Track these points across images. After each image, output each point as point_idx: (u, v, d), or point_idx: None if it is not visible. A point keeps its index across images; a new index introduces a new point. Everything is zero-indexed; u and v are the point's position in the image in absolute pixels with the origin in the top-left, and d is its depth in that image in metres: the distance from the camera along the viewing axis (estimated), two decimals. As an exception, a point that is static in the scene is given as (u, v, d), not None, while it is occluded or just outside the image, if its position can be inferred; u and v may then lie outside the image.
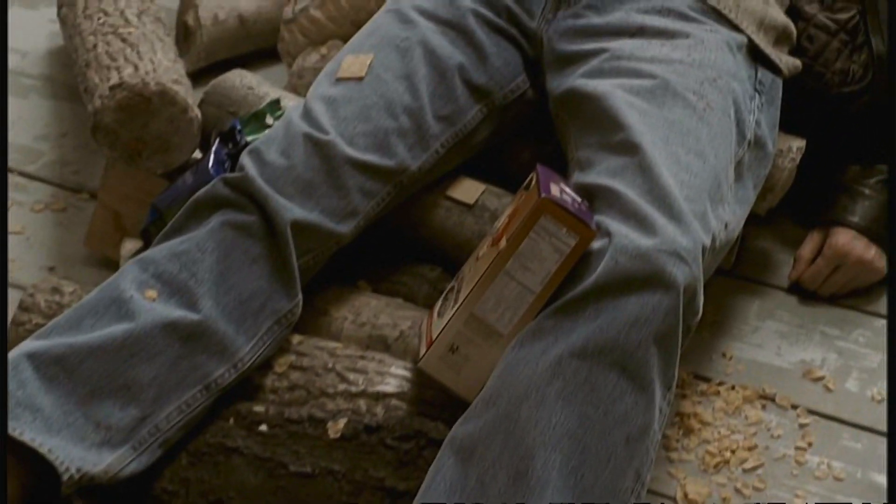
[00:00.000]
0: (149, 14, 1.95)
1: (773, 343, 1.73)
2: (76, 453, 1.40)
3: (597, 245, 1.42)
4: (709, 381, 1.68)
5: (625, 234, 1.41)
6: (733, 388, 1.66)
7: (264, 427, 1.49)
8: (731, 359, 1.71)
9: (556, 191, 1.46)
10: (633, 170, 1.48)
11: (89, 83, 1.78)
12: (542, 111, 1.71)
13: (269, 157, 1.57)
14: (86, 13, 1.95)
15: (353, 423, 1.48)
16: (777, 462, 1.58)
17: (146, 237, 1.67)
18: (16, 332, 1.57)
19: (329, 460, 1.46)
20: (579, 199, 1.48)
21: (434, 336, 1.48)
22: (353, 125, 1.60)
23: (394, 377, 1.52)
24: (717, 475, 1.57)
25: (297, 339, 1.56)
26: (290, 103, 1.77)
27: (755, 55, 1.67)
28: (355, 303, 1.63)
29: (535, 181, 1.49)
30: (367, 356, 1.55)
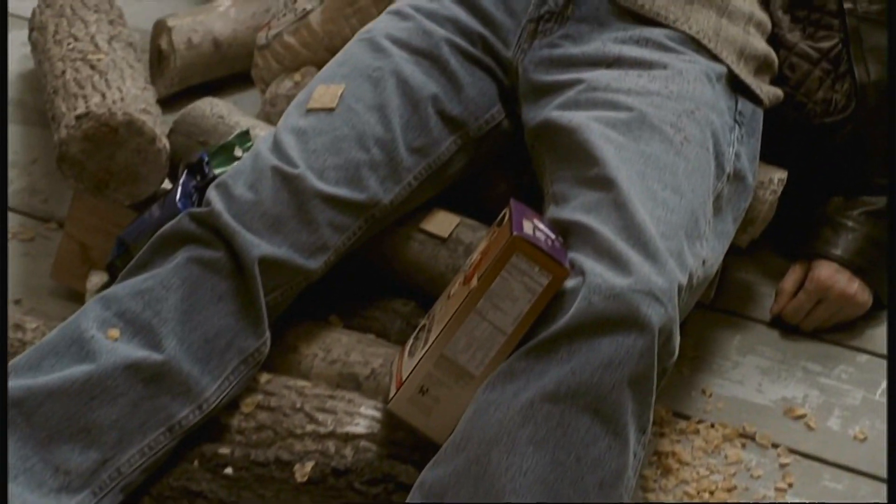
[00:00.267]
0: (120, 39, 1.91)
1: (754, 379, 1.70)
2: (33, 500, 1.36)
3: (570, 284, 1.39)
4: (688, 418, 1.64)
5: (599, 273, 1.38)
6: (713, 426, 1.63)
7: (230, 470, 1.45)
8: (710, 396, 1.67)
9: (528, 228, 1.42)
10: (608, 206, 1.44)
11: (56, 111, 1.75)
12: (518, 141, 1.68)
13: (237, 191, 1.53)
14: (56, 38, 1.91)
15: (320, 465, 1.44)
16: (757, 503, 1.55)
17: (112, 271, 1.63)
18: (-24, 371, 1.53)
19: (295, 505, 1.43)
20: (553, 236, 1.44)
21: (404, 377, 1.45)
22: (324, 158, 1.56)
23: (364, 417, 1.48)
24: (695, 517, 1.54)
25: (264, 378, 1.53)
26: (262, 133, 1.73)
27: (735, 85, 1.64)
28: (326, 339, 1.60)
29: (507, 217, 1.45)
30: (337, 395, 1.51)
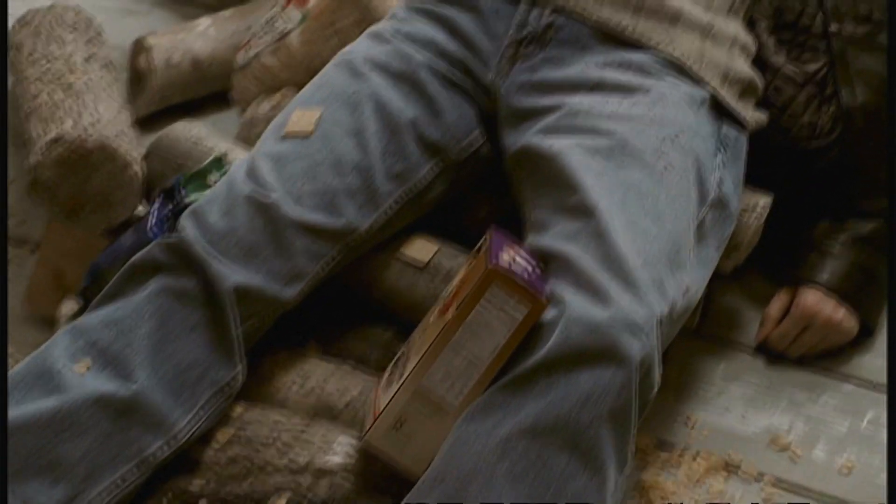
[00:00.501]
0: (97, 60, 1.89)
1: (739, 408, 1.67)
2: (-1, 537, 1.33)
3: (549, 315, 1.36)
4: (671, 447, 1.61)
5: (578, 304, 1.35)
6: (697, 455, 1.60)
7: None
8: (694, 424, 1.64)
9: (507, 258, 1.39)
10: (588, 235, 1.42)
11: (30, 135, 1.72)
12: (499, 166, 1.65)
13: (210, 218, 1.50)
14: (31, 58, 1.88)
15: (294, 500, 1.41)
16: (740, 536, 1.53)
17: (84, 299, 1.60)
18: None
19: (268, 541, 1.40)
20: (532, 265, 1.42)
21: (380, 409, 1.42)
22: (300, 184, 1.54)
23: (339, 450, 1.45)
24: (678, 551, 1.51)
25: (238, 409, 1.50)
26: (238, 157, 1.70)
27: (719, 109, 1.61)
28: (303, 367, 1.57)
29: (485, 246, 1.42)
30: (313, 427, 1.48)
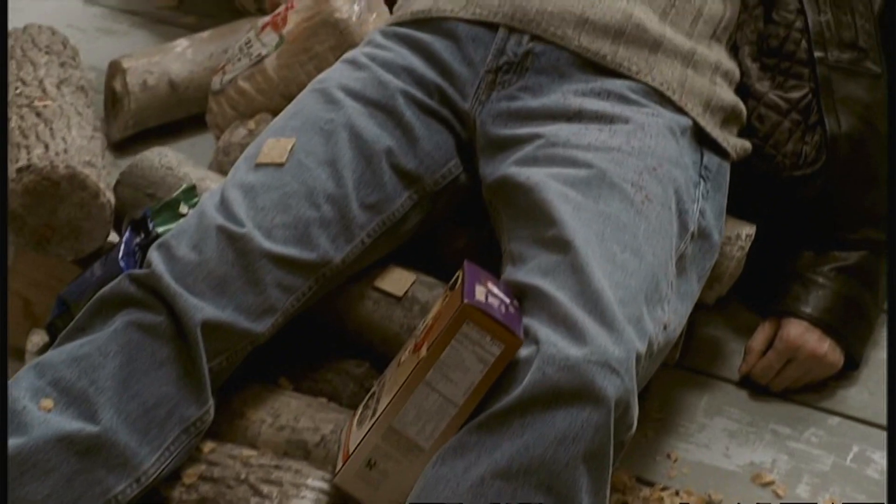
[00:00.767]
0: (70, 83, 1.85)
1: (721, 443, 1.63)
2: (-42, 583, 1.30)
3: (524, 353, 1.33)
4: (652, 485, 1.58)
5: (553, 342, 1.32)
6: (678, 493, 1.56)
7: (169, 545, 1.39)
8: (676, 460, 1.61)
9: (481, 293, 1.36)
10: (565, 269, 1.39)
11: (-1, 162, 1.69)
12: (477, 194, 1.62)
13: (180, 251, 1.47)
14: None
15: (264, 541, 1.38)
16: (722, 577, 1.49)
17: (52, 332, 1.57)
18: None
19: (236, 585, 1.36)
20: (508, 300, 1.38)
21: (351, 449, 1.38)
22: (272, 216, 1.50)
23: (310, 490, 1.41)
24: (657, 591, 1.48)
25: (208, 447, 1.46)
26: (212, 185, 1.67)
27: (701, 139, 1.58)
28: (275, 403, 1.53)
29: (460, 281, 1.39)
30: (284, 465, 1.44)
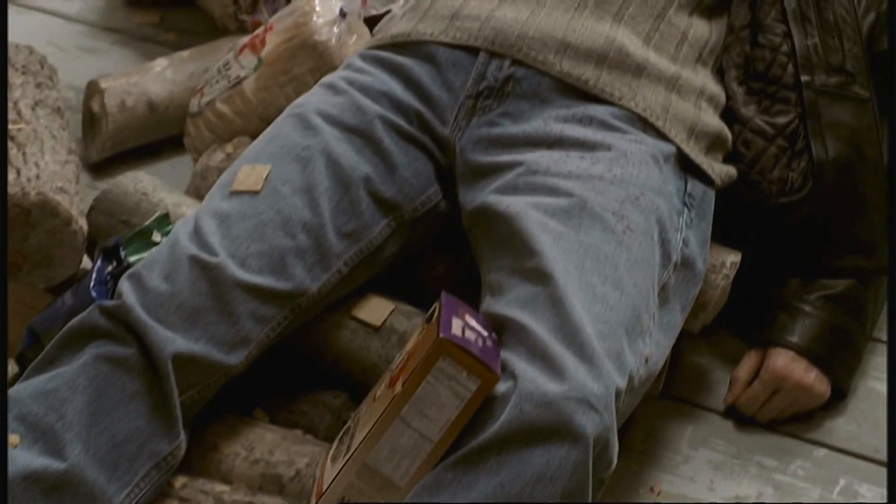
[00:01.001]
0: (46, 105, 1.82)
1: (706, 476, 1.60)
2: None
3: (501, 389, 1.30)
4: (634, 519, 1.55)
5: (531, 377, 1.29)
6: (661, 528, 1.54)
7: (138, 584, 1.36)
8: (659, 494, 1.58)
9: (458, 327, 1.33)
10: (544, 302, 1.36)
11: (-30, 187, 1.65)
12: (457, 221, 1.59)
13: (151, 282, 1.44)
14: (-24, 104, 1.82)
15: (235, 581, 1.35)
16: None
17: (22, 363, 1.54)
18: None
19: None
20: (486, 333, 1.35)
21: (325, 486, 1.35)
22: (246, 245, 1.47)
23: (283, 527, 1.39)
24: None
25: (179, 482, 1.43)
26: (188, 211, 1.64)
27: (685, 165, 1.55)
28: (249, 436, 1.50)
29: (436, 314, 1.36)
30: (258, 501, 1.41)
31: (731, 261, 1.62)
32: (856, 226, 1.66)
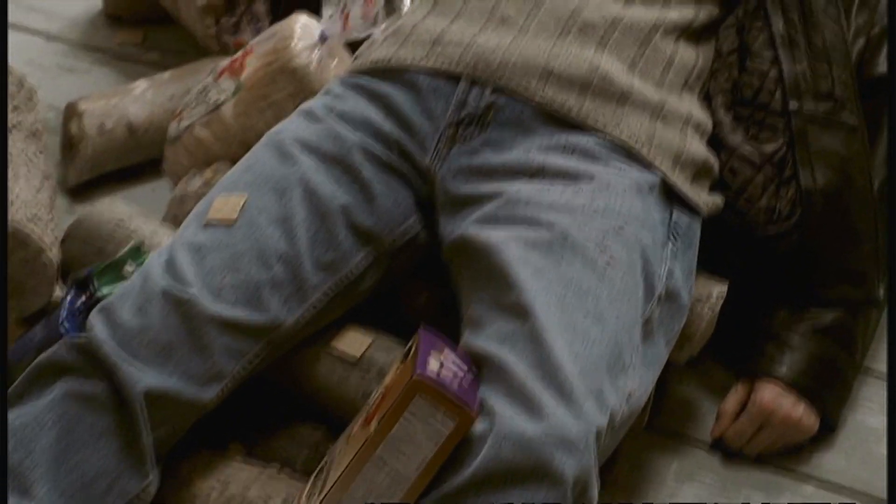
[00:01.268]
0: (22, 129, 1.79)
1: (692, 512, 1.57)
2: None
3: (479, 428, 1.27)
4: (618, 557, 1.52)
5: (509, 417, 1.26)
6: (644, 566, 1.50)
7: None
8: (644, 529, 1.55)
9: (435, 364, 1.30)
10: (524, 338, 1.32)
11: (-58, 215, 1.62)
12: (439, 250, 1.55)
13: (122, 316, 1.40)
14: (-49, 128, 1.79)
15: None
16: None
17: (-8, 397, 1.50)
18: None
19: None
20: (464, 370, 1.32)
21: (298, 527, 1.32)
22: (221, 277, 1.44)
23: (257, 567, 1.35)
24: None
25: (152, 521, 1.40)
26: (164, 239, 1.61)
27: (670, 195, 1.52)
28: (224, 471, 1.47)
29: (414, 350, 1.33)
30: (230, 540, 1.38)
31: (717, 291, 1.59)
32: (845, 255, 1.62)
